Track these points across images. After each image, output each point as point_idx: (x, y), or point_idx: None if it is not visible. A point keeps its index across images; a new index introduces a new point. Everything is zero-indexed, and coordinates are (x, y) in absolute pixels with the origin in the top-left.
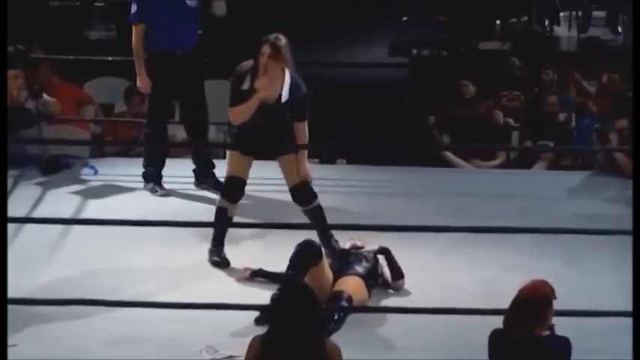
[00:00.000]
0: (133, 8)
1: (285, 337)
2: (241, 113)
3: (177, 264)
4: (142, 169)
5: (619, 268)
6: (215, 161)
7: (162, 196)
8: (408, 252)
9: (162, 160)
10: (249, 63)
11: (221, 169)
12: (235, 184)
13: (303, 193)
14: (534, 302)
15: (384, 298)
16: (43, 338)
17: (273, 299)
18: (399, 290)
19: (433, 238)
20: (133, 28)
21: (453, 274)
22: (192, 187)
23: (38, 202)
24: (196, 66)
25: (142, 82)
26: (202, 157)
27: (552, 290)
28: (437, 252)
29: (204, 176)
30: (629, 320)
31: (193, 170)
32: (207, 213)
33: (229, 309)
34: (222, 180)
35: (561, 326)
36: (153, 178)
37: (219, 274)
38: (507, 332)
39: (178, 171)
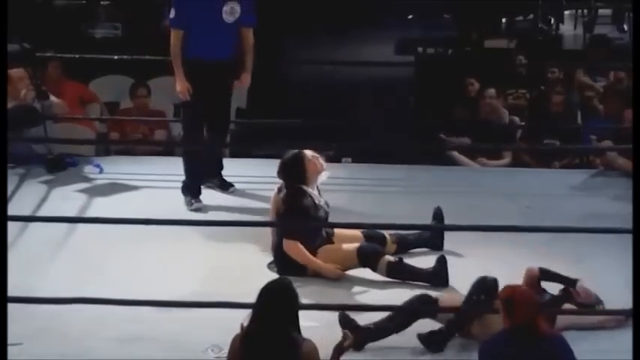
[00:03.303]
0: (172, 13)
1: (263, 335)
2: None
3: (183, 262)
4: (147, 167)
5: (626, 266)
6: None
7: (196, 210)
8: (415, 250)
9: (201, 173)
10: None
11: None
12: None
13: None
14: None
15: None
16: (48, 337)
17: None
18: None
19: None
20: (172, 33)
21: (461, 272)
22: None
23: (44, 200)
24: (229, 73)
25: (182, 87)
26: (214, 157)
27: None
28: (445, 251)
29: (211, 175)
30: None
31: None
32: (212, 212)
33: (235, 307)
34: (229, 181)
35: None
36: (191, 192)
37: (226, 272)
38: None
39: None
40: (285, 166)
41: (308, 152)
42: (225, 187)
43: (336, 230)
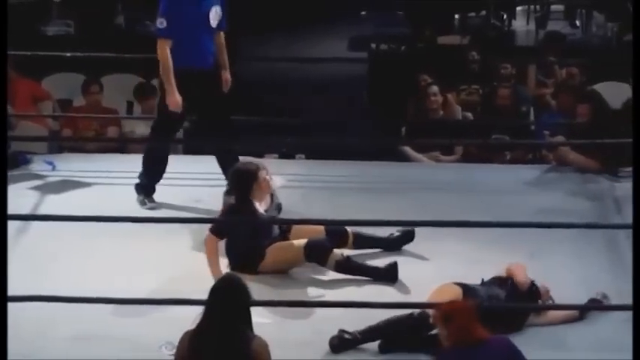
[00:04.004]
0: (162, 23)
1: (212, 332)
2: None
3: (136, 260)
4: (100, 165)
5: (582, 261)
6: (173, 157)
7: (150, 209)
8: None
9: (160, 174)
10: None
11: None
12: None
13: None
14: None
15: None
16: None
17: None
18: None
19: (393, 229)
20: (160, 43)
21: (417, 267)
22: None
23: None
24: (216, 81)
25: (175, 99)
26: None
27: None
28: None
29: None
30: (620, 314)
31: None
32: (165, 209)
33: (188, 304)
34: None
35: None
36: (145, 191)
37: (179, 269)
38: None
39: (138, 166)
40: (237, 179)
41: (261, 173)
42: None
43: (295, 226)
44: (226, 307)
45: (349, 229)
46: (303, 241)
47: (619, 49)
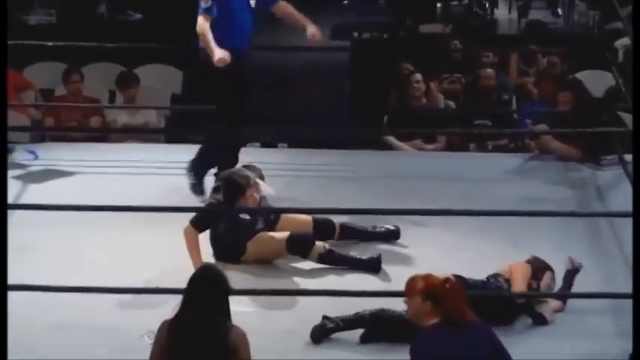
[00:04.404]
0: (207, 2)
1: (190, 322)
2: None
3: (119, 248)
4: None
5: (564, 249)
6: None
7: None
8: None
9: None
10: None
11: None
12: None
13: None
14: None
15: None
16: None
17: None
18: None
19: (377, 220)
20: (200, 17)
21: (400, 256)
22: (135, 170)
23: None
24: (247, 63)
25: (220, 53)
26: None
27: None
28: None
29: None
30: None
31: None
32: (154, 197)
33: (172, 293)
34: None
35: None
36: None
37: (161, 258)
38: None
39: (120, 155)
40: (226, 187)
41: (249, 191)
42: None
43: (284, 216)
44: (204, 297)
45: (336, 220)
46: (285, 234)
47: (601, 38)
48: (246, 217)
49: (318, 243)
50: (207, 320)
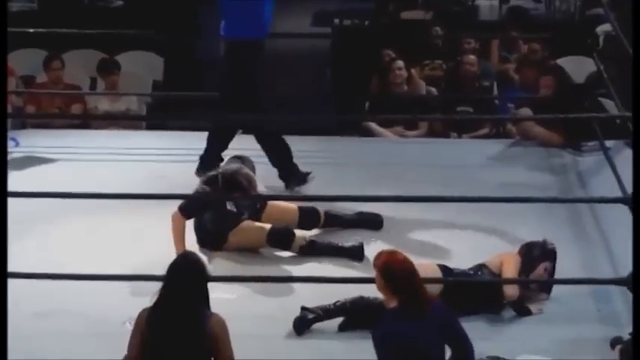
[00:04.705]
0: None
1: (169, 310)
2: None
3: (101, 235)
4: (64, 141)
5: (546, 235)
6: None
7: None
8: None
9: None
10: None
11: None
12: None
13: None
14: (404, 270)
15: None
16: None
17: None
18: None
19: (358, 207)
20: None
21: (382, 243)
22: (117, 157)
23: None
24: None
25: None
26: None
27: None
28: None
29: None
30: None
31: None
32: (140, 184)
33: (154, 280)
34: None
35: None
36: (295, 175)
37: (143, 245)
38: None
39: (102, 142)
40: (228, 184)
41: (252, 185)
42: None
43: (270, 205)
44: (183, 285)
45: (321, 208)
46: (267, 227)
47: (582, 24)
48: (233, 208)
49: (299, 235)
50: (185, 308)
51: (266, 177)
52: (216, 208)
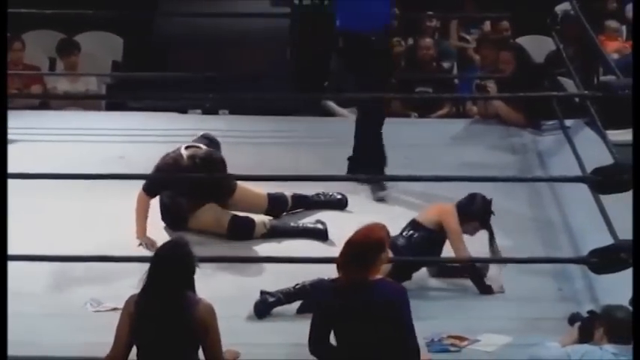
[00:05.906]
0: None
1: (156, 296)
2: None
3: (62, 216)
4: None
5: (506, 214)
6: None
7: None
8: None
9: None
10: None
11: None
12: None
13: None
14: (366, 246)
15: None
16: None
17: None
18: None
19: (320, 187)
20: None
21: (340, 224)
22: (78, 138)
23: None
24: (378, 47)
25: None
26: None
27: (387, 235)
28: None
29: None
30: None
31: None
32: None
33: (114, 261)
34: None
35: None
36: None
37: (104, 227)
38: (338, 276)
39: (61, 123)
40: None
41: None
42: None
43: (239, 189)
44: (171, 270)
45: (287, 193)
46: (228, 217)
47: (542, 3)
48: (198, 189)
49: (259, 222)
50: (173, 293)
51: (232, 158)
52: (179, 188)
